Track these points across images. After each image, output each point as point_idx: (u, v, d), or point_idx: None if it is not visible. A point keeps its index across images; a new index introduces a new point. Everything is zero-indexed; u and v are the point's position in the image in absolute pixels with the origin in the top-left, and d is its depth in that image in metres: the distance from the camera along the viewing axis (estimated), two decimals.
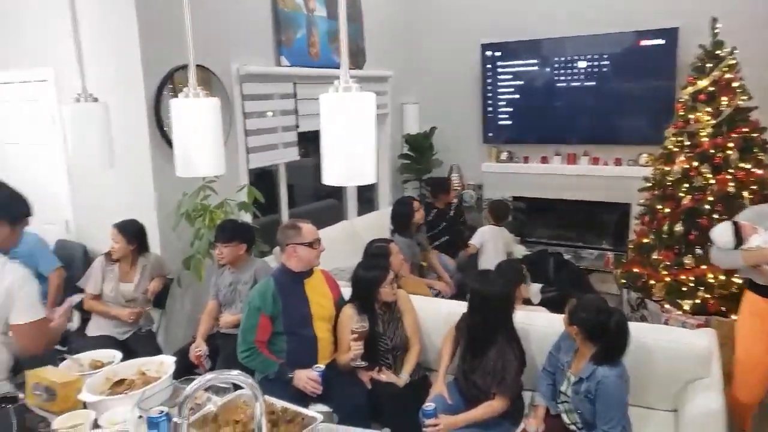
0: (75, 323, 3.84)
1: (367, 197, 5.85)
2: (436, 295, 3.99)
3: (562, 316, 2.37)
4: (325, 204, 5.63)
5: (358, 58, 5.16)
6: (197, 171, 1.52)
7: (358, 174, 1.24)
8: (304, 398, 2.52)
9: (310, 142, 4.89)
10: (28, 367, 2.04)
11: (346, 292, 2.92)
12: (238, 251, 3.28)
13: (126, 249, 3.35)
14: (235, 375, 1.33)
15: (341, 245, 4.27)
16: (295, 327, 2.66)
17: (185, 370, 2.83)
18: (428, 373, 2.87)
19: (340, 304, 2.84)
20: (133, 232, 3.37)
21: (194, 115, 1.51)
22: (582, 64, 5.35)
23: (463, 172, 6.15)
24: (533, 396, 2.57)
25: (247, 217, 3.92)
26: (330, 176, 1.25)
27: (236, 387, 1.83)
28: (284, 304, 2.66)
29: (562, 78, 5.47)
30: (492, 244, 4.48)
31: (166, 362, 2.00)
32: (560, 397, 2.40)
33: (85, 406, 1.82)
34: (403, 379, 2.69)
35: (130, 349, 3.23)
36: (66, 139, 3.95)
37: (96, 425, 1.72)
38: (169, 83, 3.59)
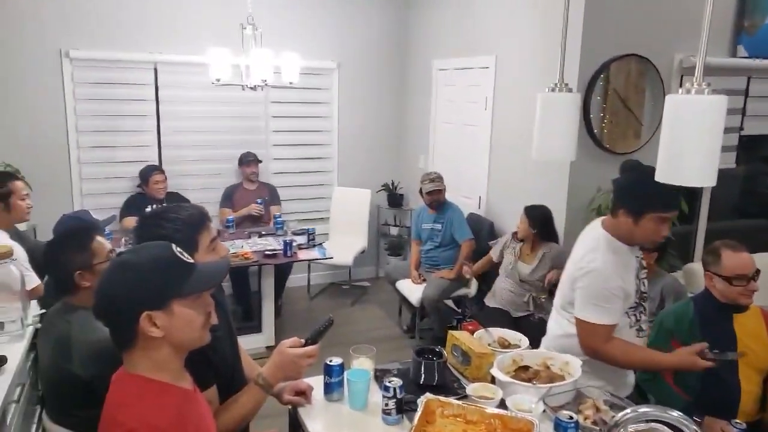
0: (472, 290, 4.24)
1: None
2: None
3: None
4: (754, 224, 4.70)
5: None
6: (683, 179, 1.34)
7: None
8: None
9: (745, 147, 4.12)
10: None
11: None
12: (648, 260, 3.00)
13: (527, 231, 3.49)
14: (676, 416, 1.16)
15: None
16: (715, 367, 2.26)
17: None
18: None
19: None
20: (536, 217, 3.48)
21: (692, 113, 1.32)
22: None
23: None
24: None
25: None
26: None
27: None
28: (703, 336, 2.28)
29: None
30: None
31: (572, 363, 1.95)
32: None
33: (493, 380, 1.93)
34: None
35: (521, 330, 3.36)
36: (493, 122, 4.31)
37: (501, 404, 1.80)
38: (602, 74, 3.47)
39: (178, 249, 1.27)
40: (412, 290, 4.24)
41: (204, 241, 1.56)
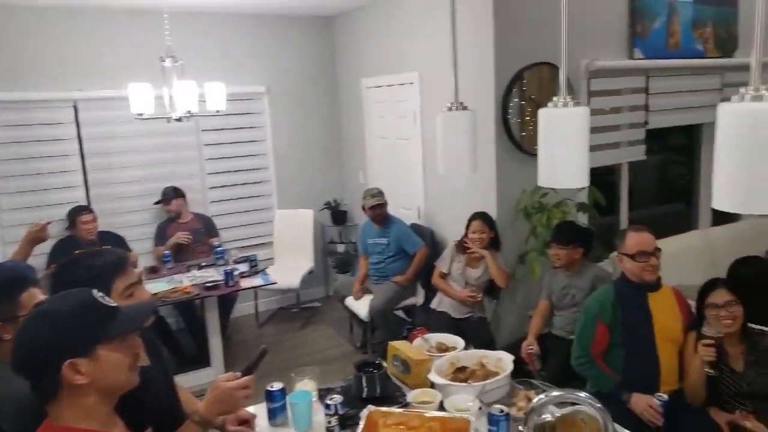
0: (420, 299, 4.33)
1: None
2: None
3: None
4: (671, 209, 5.03)
5: (726, 46, 4.43)
6: (560, 182, 1.48)
7: (764, 201, 1.01)
8: (640, 425, 2.31)
9: (655, 139, 4.43)
10: None
11: None
12: (574, 255, 3.19)
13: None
14: (584, 397, 1.27)
15: (689, 259, 3.77)
16: (634, 341, 2.47)
17: (514, 366, 2.90)
18: None
19: (690, 327, 2.50)
20: (493, 223, 3.61)
21: (561, 125, 1.47)
22: None
23: None
24: None
25: (584, 219, 3.77)
26: (723, 200, 1.05)
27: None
28: (623, 315, 2.49)
29: None
30: None
31: (505, 359, 2.06)
32: None
33: (432, 385, 2.00)
34: None
35: (463, 330, 3.50)
36: (423, 135, 4.45)
37: (441, 406, 1.88)
38: (516, 82, 3.66)
39: (99, 293, 1.28)
40: (361, 305, 4.29)
41: (118, 287, 1.52)
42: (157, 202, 4.81)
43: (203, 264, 4.41)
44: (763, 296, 2.70)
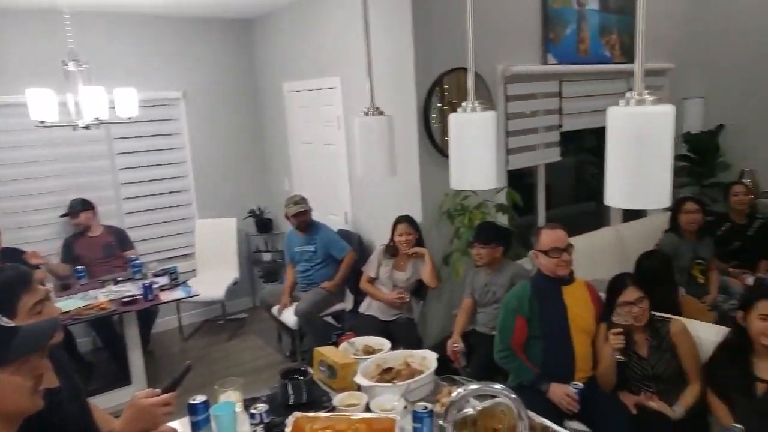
0: (349, 304, 4.33)
1: None
2: None
3: None
4: (585, 207, 5.31)
5: (631, 52, 4.72)
6: (470, 184, 1.54)
7: (648, 197, 1.10)
8: (558, 412, 2.42)
9: (570, 141, 4.67)
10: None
11: None
12: (495, 254, 3.30)
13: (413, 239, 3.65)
14: (499, 389, 1.31)
15: (603, 255, 3.98)
16: (551, 333, 2.59)
17: (441, 364, 2.96)
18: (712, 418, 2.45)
19: (601, 319, 2.64)
20: (417, 226, 3.68)
21: (470, 129, 1.52)
22: None
23: (760, 177, 5.18)
24: None
25: (504, 219, 3.91)
26: (614, 197, 1.13)
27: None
28: (540, 308, 2.62)
29: None
30: None
31: (429, 357, 2.10)
32: None
33: (359, 388, 2.01)
34: (677, 412, 2.37)
35: (391, 332, 3.53)
36: (347, 140, 4.46)
37: (367, 408, 1.89)
38: (437, 87, 3.75)
39: None
40: (289, 314, 4.23)
41: (25, 305, 1.44)
42: (64, 215, 4.54)
43: (119, 278, 4.20)
44: (664, 287, 2.92)
